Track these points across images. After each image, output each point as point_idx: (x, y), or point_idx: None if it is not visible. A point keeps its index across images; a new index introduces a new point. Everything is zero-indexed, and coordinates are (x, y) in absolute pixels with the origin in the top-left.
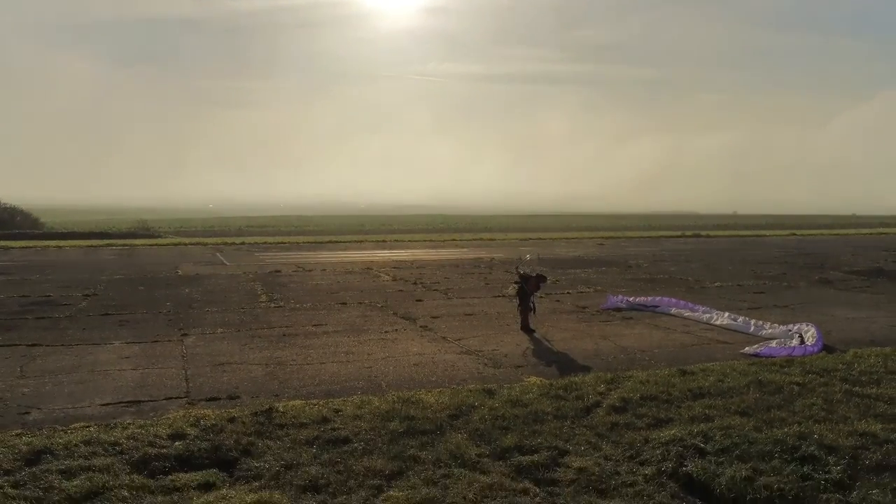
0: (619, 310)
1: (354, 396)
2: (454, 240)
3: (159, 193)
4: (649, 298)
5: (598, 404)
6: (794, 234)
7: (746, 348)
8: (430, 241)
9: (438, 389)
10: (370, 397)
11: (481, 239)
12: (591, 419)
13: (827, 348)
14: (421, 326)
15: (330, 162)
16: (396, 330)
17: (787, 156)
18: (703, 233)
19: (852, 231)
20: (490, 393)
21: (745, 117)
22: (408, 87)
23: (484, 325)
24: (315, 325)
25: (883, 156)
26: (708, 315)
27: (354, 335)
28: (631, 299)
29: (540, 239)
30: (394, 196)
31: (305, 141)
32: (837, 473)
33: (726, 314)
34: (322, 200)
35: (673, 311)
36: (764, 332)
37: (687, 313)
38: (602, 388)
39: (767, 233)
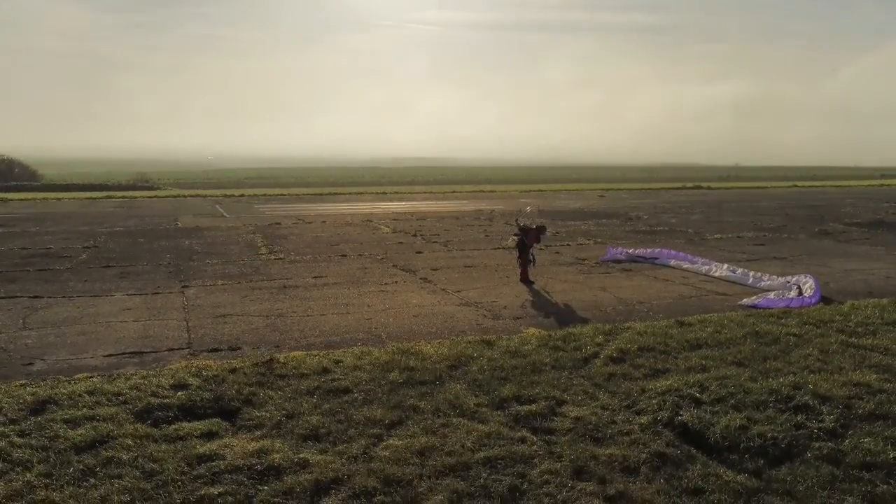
0: (618, 262)
1: (354, 347)
2: (454, 192)
3: (157, 145)
4: (649, 250)
5: (595, 355)
6: (796, 186)
7: (744, 300)
8: (431, 192)
9: (438, 340)
10: (370, 348)
11: (481, 191)
12: (588, 370)
13: (825, 300)
14: (421, 278)
15: (328, 114)
16: (396, 282)
17: (792, 107)
18: (704, 185)
19: (853, 182)
20: (489, 344)
21: (749, 67)
22: (405, 36)
23: (484, 276)
24: (315, 277)
25: (888, 107)
26: (707, 267)
27: (354, 287)
28: (630, 251)
29: (540, 191)
30: (393, 148)
31: (303, 92)
32: (831, 422)
33: (725, 266)
34: (321, 152)
35: (672, 262)
36: (762, 283)
37: (686, 265)
38: (600, 339)
39: (769, 185)
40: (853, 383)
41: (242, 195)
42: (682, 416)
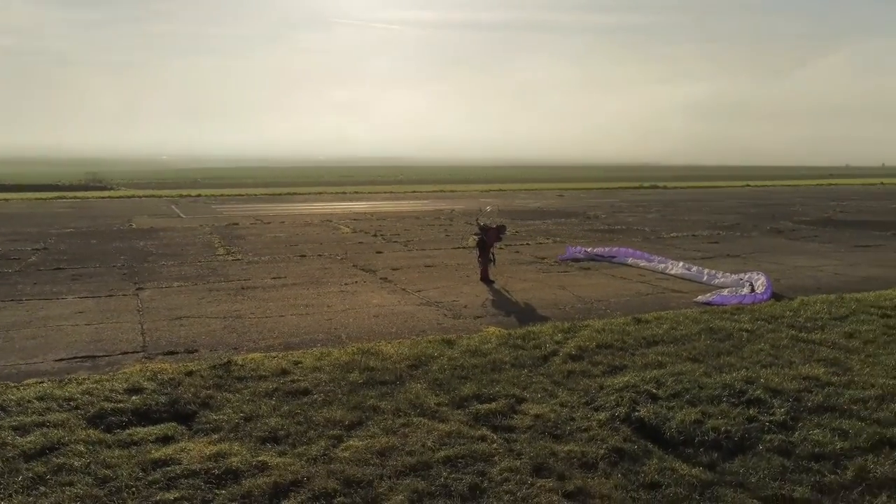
0: (577, 260)
1: (314, 348)
2: (415, 192)
3: (110, 144)
4: (607, 249)
5: (555, 353)
6: (748, 186)
7: (699, 297)
8: (391, 192)
9: (398, 340)
10: (330, 349)
11: (442, 191)
12: (548, 367)
13: (776, 296)
14: (381, 278)
15: (288, 113)
16: (356, 282)
17: (757, 106)
18: (661, 184)
19: (802, 182)
20: (449, 343)
21: (716, 68)
22: (370, 36)
23: (444, 276)
24: (274, 278)
25: (845, 107)
26: (663, 265)
27: (314, 287)
28: (589, 250)
29: (501, 191)
30: (356, 148)
31: (263, 91)
32: (781, 415)
33: (681, 264)
34: (281, 152)
35: (630, 261)
36: (716, 280)
37: (643, 263)
38: (559, 337)
39: (724, 184)
40: (803, 377)
41: (199, 195)
42: (639, 411)
